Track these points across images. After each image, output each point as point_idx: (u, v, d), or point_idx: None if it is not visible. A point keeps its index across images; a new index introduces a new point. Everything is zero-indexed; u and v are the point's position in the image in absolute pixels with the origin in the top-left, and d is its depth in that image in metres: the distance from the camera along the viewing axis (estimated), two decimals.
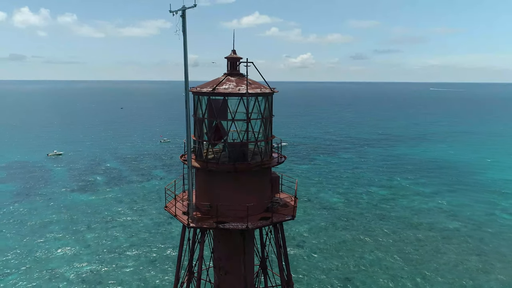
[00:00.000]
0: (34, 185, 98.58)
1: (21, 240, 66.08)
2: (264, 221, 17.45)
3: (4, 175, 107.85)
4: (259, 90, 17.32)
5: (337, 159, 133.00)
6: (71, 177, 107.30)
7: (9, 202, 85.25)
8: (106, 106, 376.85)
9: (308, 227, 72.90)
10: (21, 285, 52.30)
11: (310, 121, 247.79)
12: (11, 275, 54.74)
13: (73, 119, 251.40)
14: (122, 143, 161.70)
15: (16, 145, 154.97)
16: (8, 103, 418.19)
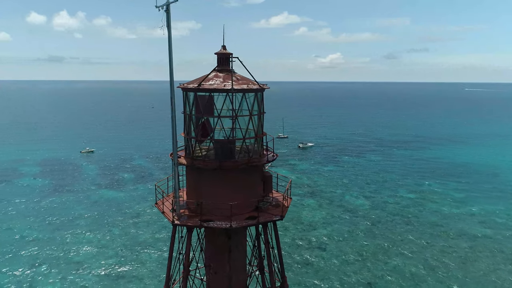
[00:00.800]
0: (67, 181, 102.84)
1: (51, 233, 69.12)
2: (250, 220, 17.12)
3: (39, 171, 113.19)
4: (245, 86, 16.92)
5: (364, 161, 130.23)
6: (101, 174, 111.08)
7: (43, 196, 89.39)
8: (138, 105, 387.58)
9: (330, 230, 71.80)
10: (50, 275, 54.68)
11: (337, 122, 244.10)
12: (41, 266, 57.36)
13: (106, 118, 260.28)
14: (151, 141, 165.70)
15: (52, 142, 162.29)
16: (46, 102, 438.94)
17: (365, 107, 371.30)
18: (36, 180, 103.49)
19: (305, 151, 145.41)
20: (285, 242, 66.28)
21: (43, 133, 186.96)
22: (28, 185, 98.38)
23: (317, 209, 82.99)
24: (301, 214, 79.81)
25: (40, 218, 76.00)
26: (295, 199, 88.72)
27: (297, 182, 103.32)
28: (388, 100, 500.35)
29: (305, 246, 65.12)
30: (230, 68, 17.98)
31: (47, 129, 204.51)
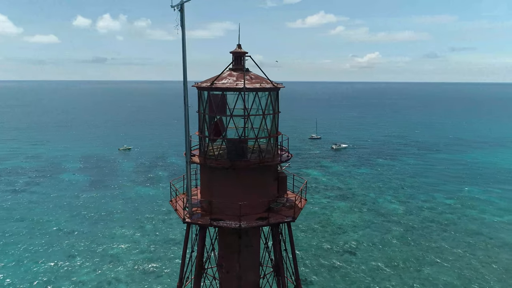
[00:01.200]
0: (104, 177, 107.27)
1: (88, 226, 72.29)
2: (260, 221, 16.84)
3: (79, 166, 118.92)
4: (258, 85, 16.62)
5: (400, 164, 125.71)
6: (136, 170, 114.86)
7: (81, 191, 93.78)
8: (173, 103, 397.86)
9: (361, 234, 69.87)
10: (83, 267, 57.19)
11: (373, 123, 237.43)
12: (75, 258, 60.14)
13: (144, 116, 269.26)
14: None
15: (92, 139, 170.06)
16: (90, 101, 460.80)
17: (404, 108, 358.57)
18: (76, 175, 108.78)
19: (338, 152, 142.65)
20: (312, 244, 65.34)
21: (84, 131, 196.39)
22: (68, 180, 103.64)
23: (348, 212, 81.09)
24: (331, 217, 78.30)
25: (78, 212, 79.73)
26: (324, 202, 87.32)
27: (328, 184, 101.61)
28: (429, 101, 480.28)
29: (333, 249, 63.80)
30: (244, 67, 17.83)
31: (88, 127, 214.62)
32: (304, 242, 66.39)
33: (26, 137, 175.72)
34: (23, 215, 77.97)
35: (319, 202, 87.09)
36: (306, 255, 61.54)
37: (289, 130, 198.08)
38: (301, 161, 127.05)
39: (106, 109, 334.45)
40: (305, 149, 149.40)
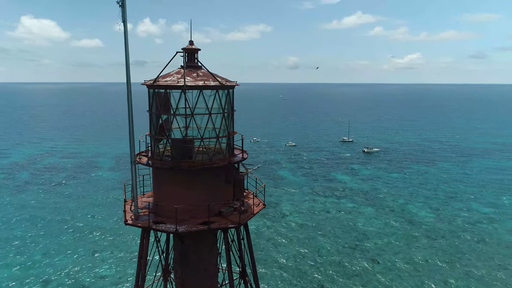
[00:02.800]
0: None
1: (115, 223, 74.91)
2: (202, 225, 16.09)
3: (112, 164, 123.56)
4: (201, 83, 15.98)
5: (434, 169, 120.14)
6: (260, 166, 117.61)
7: (114, 187, 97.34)
8: None
9: (386, 241, 67.38)
10: (108, 262, 59.27)
11: (409, 127, 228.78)
12: (101, 252, 62.46)
13: None
14: None
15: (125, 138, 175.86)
16: None
17: (445, 111, 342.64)
18: (110, 172, 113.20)
19: (370, 156, 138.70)
20: (336, 249, 63.86)
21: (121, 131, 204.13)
22: (102, 177, 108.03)
23: (374, 217, 78.55)
24: (356, 221, 76.18)
25: (111, 208, 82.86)
26: (350, 206, 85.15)
27: (355, 188, 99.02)
28: (473, 104, 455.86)
29: (356, 255, 61.97)
30: (198, 65, 17.33)
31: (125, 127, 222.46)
32: (326, 246, 65.03)
33: (67, 135, 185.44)
34: (56, 209, 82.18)
35: (344, 206, 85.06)
36: (327, 260, 60.22)
37: (319, 133, 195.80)
38: (329, 164, 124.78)
39: None
40: (335, 152, 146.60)
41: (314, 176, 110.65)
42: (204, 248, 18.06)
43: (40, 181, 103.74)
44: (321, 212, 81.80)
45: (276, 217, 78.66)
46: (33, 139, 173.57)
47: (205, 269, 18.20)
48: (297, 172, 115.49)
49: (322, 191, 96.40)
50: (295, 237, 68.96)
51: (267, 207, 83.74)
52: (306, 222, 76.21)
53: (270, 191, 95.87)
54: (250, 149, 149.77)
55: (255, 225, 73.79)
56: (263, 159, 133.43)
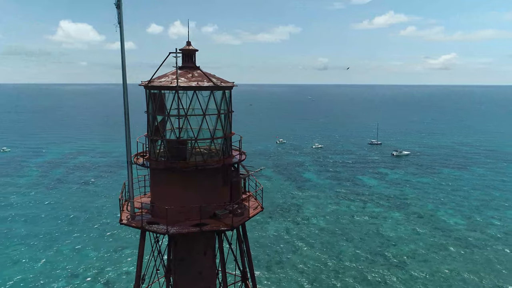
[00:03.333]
0: None
1: None
2: (194, 227, 15.74)
3: None
4: (194, 84, 15.64)
5: (468, 174, 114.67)
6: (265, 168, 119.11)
7: None
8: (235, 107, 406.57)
9: (413, 248, 64.79)
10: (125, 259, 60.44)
11: (442, 130, 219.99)
12: (123, 249, 63.77)
13: None
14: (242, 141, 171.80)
15: None
16: None
17: (481, 114, 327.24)
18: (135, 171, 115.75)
19: (399, 159, 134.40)
20: (358, 255, 62.07)
21: None
22: None
23: (401, 223, 75.84)
24: (382, 227, 73.81)
25: None
26: (376, 211, 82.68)
27: (382, 192, 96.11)
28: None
29: (379, 262, 59.95)
30: (196, 65, 17.06)
31: None
32: (348, 252, 63.35)
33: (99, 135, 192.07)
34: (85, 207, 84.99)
35: (370, 211, 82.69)
36: (348, 266, 58.62)
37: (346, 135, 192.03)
38: (356, 167, 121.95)
39: None
40: (362, 154, 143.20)
41: (339, 179, 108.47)
42: (198, 250, 17.76)
43: (71, 179, 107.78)
44: (345, 216, 79.91)
45: (298, 220, 77.60)
46: (67, 138, 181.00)
47: (200, 272, 17.87)
48: (322, 174, 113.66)
49: (347, 194, 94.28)
50: (316, 241, 67.68)
51: (289, 210, 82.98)
52: (329, 226, 74.67)
53: (294, 194, 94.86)
54: (275, 151, 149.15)
55: (275, 228, 73.16)
56: (288, 160, 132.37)
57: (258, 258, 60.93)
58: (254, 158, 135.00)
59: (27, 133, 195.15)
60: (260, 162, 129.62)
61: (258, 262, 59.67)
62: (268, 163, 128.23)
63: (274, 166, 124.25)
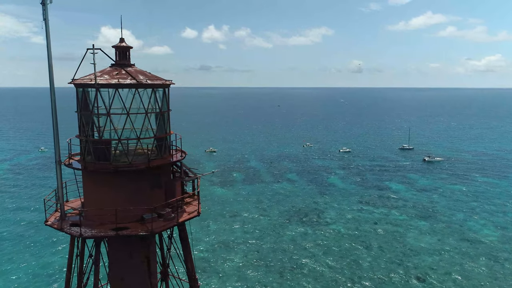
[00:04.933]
0: None
1: None
2: (111, 231, 15.02)
3: None
4: (115, 81, 14.95)
5: (506, 182, 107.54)
6: (216, 172, 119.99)
7: None
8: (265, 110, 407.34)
9: (437, 259, 61.36)
10: None
11: (481, 135, 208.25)
12: None
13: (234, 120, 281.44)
14: (269, 144, 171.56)
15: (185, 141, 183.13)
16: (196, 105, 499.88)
17: None
18: None
19: (431, 165, 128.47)
20: (378, 264, 59.62)
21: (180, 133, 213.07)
22: None
23: (427, 232, 72.16)
24: (406, 236, 70.59)
25: None
26: (401, 218, 79.27)
27: (410, 199, 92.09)
28: None
29: (399, 272, 57.24)
30: (130, 63, 16.48)
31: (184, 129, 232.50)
32: (368, 260, 61.00)
33: None
34: None
35: (394, 218, 79.42)
36: (366, 275, 56.41)
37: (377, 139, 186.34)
38: (384, 173, 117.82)
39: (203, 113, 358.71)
40: (392, 159, 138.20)
41: (365, 184, 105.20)
42: (123, 254, 17.12)
43: None
44: (368, 222, 77.21)
45: (319, 225, 75.88)
46: None
47: (128, 275, 17.25)
48: (347, 179, 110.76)
49: (372, 200, 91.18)
50: (334, 247, 65.77)
51: (309, 214, 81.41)
52: (350, 232, 72.42)
53: (315, 198, 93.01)
54: (301, 154, 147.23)
55: (293, 232, 71.92)
56: (313, 164, 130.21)
57: (270, 263, 60.10)
58: (279, 162, 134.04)
59: None
60: (285, 165, 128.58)
61: (269, 267, 58.85)
62: (293, 167, 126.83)
63: (298, 170, 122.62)
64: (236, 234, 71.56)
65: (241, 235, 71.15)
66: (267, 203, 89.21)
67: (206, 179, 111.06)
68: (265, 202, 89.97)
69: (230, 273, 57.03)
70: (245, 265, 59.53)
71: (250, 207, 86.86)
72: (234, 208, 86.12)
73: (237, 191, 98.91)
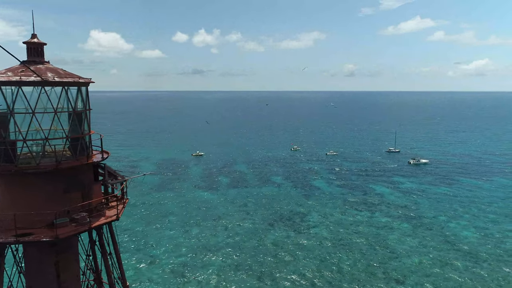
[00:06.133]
0: (171, 180, 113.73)
1: (140, 225, 76.83)
2: (12, 238, 14.46)
3: (152, 168, 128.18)
4: (16, 78, 14.49)
5: (489, 184, 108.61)
6: (202, 175, 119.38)
7: (148, 191, 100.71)
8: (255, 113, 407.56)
9: (417, 261, 61.46)
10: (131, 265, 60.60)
11: (468, 138, 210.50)
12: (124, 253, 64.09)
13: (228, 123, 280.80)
14: (257, 147, 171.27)
15: (173, 145, 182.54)
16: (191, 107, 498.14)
17: None
18: (147, 177, 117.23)
19: (416, 168, 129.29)
20: (358, 267, 59.51)
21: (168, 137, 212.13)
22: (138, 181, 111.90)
23: (408, 235, 72.33)
24: (387, 238, 70.65)
25: (138, 211, 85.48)
26: (383, 221, 79.43)
27: (393, 202, 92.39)
28: None
29: (378, 275, 57.18)
30: (44, 61, 16.06)
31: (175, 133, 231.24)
32: (348, 263, 60.85)
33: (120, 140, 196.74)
34: None
35: (377, 221, 79.51)
36: (345, 278, 56.22)
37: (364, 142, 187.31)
38: (369, 176, 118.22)
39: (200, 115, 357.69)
40: (378, 162, 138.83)
41: (349, 187, 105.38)
42: (35, 261, 16.56)
43: None
44: (351, 226, 77.19)
45: (301, 228, 75.62)
46: None
47: (31, 286, 16.57)
48: (332, 182, 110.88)
49: (356, 203, 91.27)
50: (315, 251, 65.51)
51: (292, 218, 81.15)
52: (332, 235, 72.28)
53: (300, 201, 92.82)
54: (288, 158, 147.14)
55: (275, 236, 71.54)
56: (299, 167, 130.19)
57: (249, 267, 59.62)
58: (266, 165, 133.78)
59: None
60: (271, 169, 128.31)
61: (248, 271, 58.37)
62: (279, 170, 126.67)
63: (285, 173, 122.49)
64: (218, 238, 70.95)
65: (222, 239, 70.57)
66: (251, 207, 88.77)
67: (191, 183, 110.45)
68: (250, 206, 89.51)
69: (208, 278, 56.41)
70: (224, 270, 58.97)
71: (234, 211, 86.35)
72: (218, 212, 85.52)
73: (222, 195, 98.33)
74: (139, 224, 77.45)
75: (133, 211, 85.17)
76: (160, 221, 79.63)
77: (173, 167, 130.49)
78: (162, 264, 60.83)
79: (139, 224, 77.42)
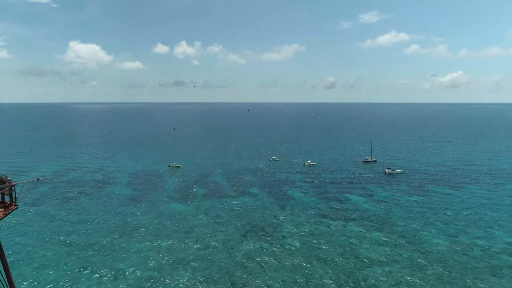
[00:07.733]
0: (146, 191, 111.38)
1: (110, 238, 74.45)
2: None
3: (128, 181, 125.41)
4: None
5: (462, 192, 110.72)
6: (177, 187, 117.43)
7: (120, 203, 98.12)
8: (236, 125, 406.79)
9: (387, 270, 61.43)
10: (91, 278, 58.26)
11: (444, 147, 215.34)
12: (86, 269, 61.68)
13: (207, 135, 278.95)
14: (235, 158, 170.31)
15: (149, 155, 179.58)
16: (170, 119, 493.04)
17: (487, 132, 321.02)
18: (121, 189, 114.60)
19: (391, 177, 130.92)
20: (329, 277, 58.92)
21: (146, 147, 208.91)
22: (112, 193, 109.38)
23: (380, 243, 72.48)
24: (359, 247, 70.57)
25: (109, 224, 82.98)
26: (356, 230, 79.45)
27: (367, 211, 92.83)
28: None
29: (349, 284, 56.75)
30: None
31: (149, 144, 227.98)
32: (319, 273, 60.26)
33: (96, 152, 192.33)
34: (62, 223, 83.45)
35: (350, 230, 79.50)
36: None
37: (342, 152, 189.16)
38: (345, 185, 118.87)
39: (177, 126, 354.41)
40: (355, 172, 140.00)
41: (325, 197, 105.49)
42: None
43: (54, 195, 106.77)
44: (324, 235, 76.87)
45: (274, 239, 74.78)
46: (64, 155, 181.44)
47: None
48: (308, 192, 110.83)
49: (330, 213, 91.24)
50: (286, 262, 64.71)
51: (265, 229, 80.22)
52: (305, 245, 71.69)
53: (274, 212, 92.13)
54: (266, 168, 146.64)
55: (248, 247, 70.44)
56: (276, 178, 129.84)
57: (219, 280, 58.26)
58: (243, 177, 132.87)
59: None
60: (248, 180, 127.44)
61: (218, 284, 56.99)
62: (256, 181, 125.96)
63: (261, 184, 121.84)
64: (188, 251, 69.33)
65: (193, 252, 68.98)
66: (225, 218, 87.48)
67: (165, 194, 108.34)
68: (223, 217, 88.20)
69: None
70: (193, 284, 57.41)
71: (207, 222, 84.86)
72: (190, 224, 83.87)
73: (196, 207, 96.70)
74: (106, 237, 75.02)
75: (101, 225, 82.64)
76: (129, 234, 77.41)
77: (148, 179, 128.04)
78: (127, 278, 58.76)
79: (105, 237, 74.98)
